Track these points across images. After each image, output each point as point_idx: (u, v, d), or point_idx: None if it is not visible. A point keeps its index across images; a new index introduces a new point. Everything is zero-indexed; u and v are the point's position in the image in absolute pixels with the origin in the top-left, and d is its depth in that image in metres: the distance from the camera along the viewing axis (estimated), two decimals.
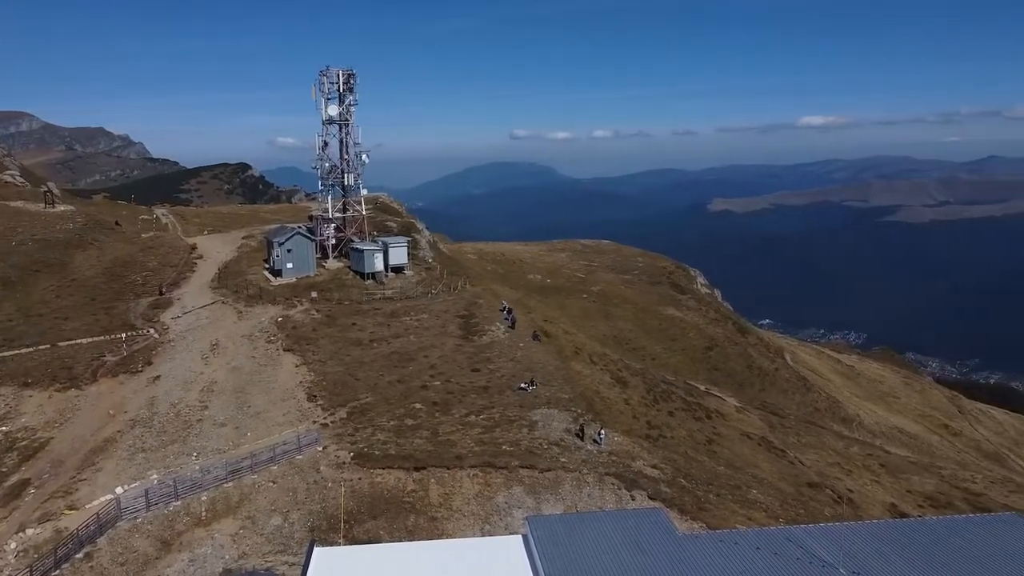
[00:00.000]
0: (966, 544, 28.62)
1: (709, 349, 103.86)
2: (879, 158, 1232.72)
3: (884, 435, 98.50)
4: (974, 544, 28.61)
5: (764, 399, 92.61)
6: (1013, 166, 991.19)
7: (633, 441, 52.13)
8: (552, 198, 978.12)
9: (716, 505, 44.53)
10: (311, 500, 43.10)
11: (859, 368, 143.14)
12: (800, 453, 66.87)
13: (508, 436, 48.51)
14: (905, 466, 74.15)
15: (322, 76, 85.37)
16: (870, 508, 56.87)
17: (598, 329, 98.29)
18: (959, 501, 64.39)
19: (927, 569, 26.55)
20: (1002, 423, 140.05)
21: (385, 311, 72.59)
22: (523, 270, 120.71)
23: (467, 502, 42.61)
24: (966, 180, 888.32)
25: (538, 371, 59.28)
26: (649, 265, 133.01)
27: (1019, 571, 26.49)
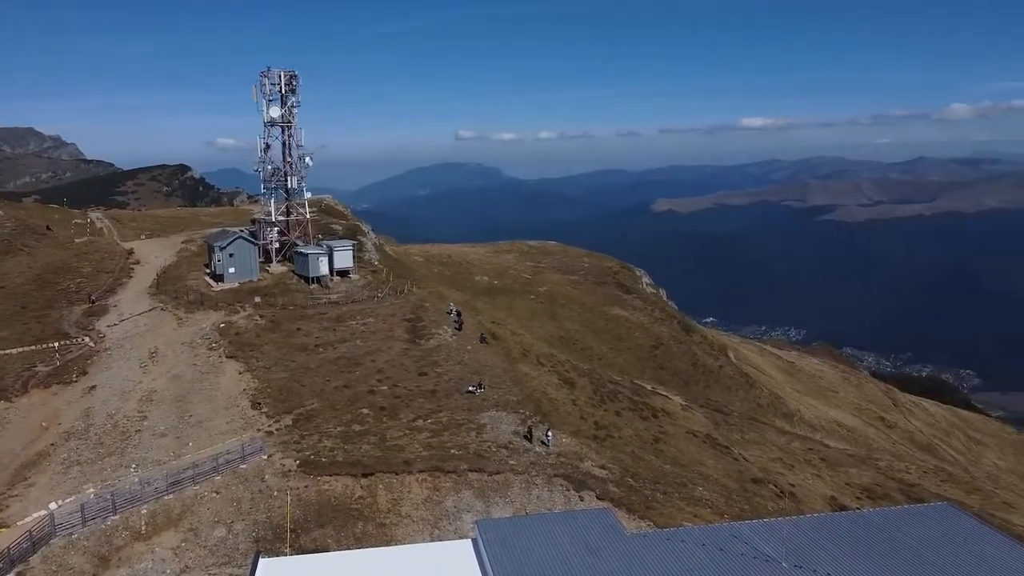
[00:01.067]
0: (901, 534, 29.57)
1: (655, 348, 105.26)
2: (816, 159, 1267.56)
3: (824, 429, 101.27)
4: (908, 534, 29.57)
5: (709, 397, 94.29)
6: (941, 166, 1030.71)
7: (581, 442, 52.50)
8: (498, 199, 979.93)
9: (663, 503, 45.14)
10: (256, 510, 42.28)
11: (799, 364, 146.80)
12: (744, 449, 68.27)
13: (456, 440, 48.36)
14: (844, 459, 76.33)
15: (263, 77, 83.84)
16: (811, 501, 58.38)
17: (545, 330, 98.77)
18: (895, 492, 66.59)
19: (864, 560, 27.35)
20: (934, 414, 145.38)
21: (331, 315, 71.68)
22: (470, 272, 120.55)
23: (416, 507, 42.34)
24: (897, 180, 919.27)
25: (486, 374, 59.27)
26: (595, 265, 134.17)
27: (950, 559, 27.47)
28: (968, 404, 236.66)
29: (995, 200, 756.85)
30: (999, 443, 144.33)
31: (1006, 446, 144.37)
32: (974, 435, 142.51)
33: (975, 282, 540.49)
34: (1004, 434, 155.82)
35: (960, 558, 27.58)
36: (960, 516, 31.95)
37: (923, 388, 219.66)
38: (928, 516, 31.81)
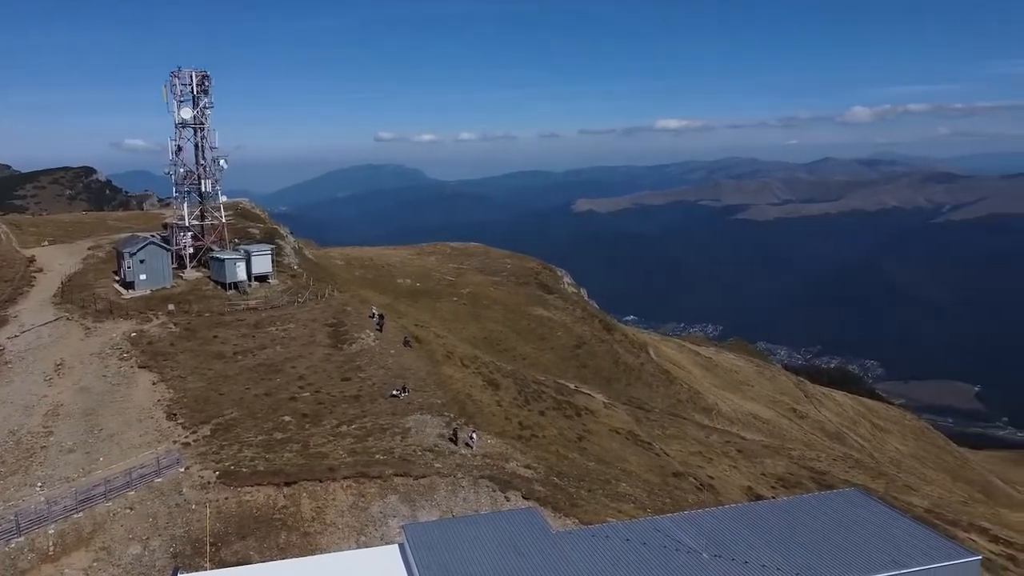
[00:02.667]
0: (812, 520, 30.99)
1: (577, 347, 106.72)
2: (730, 159, 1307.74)
3: (740, 422, 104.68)
4: (819, 519, 31.02)
5: (631, 394, 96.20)
6: (845, 167, 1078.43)
7: (506, 442, 52.85)
8: (420, 201, 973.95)
9: (588, 500, 45.89)
10: (173, 525, 40.95)
11: (716, 359, 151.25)
12: (665, 445, 69.98)
13: (381, 444, 47.98)
14: (759, 450, 79.12)
15: (173, 77, 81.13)
16: (729, 493, 60.32)
17: (469, 331, 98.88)
18: (807, 480, 69.48)
19: (779, 545, 28.55)
20: (842, 404, 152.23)
21: (249, 322, 69.97)
22: (392, 274, 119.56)
23: (341, 514, 41.82)
24: (805, 180, 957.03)
25: (410, 377, 58.99)
26: (517, 266, 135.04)
27: (858, 540, 28.96)
28: (873, 393, 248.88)
29: (894, 199, 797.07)
30: (901, 429, 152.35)
31: (907, 432, 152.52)
32: (878, 423, 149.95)
33: (877, 277, 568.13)
34: (905, 421, 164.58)
35: (867, 539, 29.10)
36: (867, 500, 33.69)
37: (832, 379, 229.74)
38: (837, 501, 33.43)
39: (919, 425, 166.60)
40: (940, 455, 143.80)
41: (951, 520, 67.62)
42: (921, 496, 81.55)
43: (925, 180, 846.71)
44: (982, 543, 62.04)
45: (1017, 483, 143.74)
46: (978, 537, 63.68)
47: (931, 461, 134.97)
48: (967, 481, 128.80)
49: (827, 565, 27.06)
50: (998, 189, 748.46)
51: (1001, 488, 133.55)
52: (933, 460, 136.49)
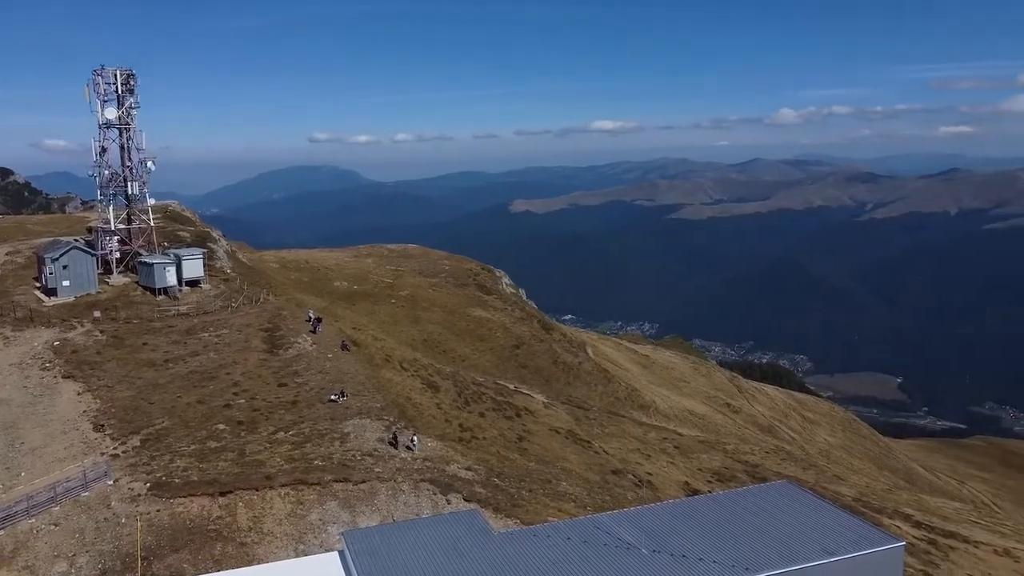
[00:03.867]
0: (747, 512, 31.87)
1: (516, 348, 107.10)
2: (663, 160, 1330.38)
3: (677, 418, 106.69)
4: (753, 512, 31.91)
5: (570, 393, 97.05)
6: (773, 167, 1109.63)
7: (446, 445, 52.73)
8: (356, 202, 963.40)
9: (529, 500, 46.15)
10: (102, 540, 39.56)
11: (653, 357, 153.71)
12: (604, 443, 70.83)
13: (320, 450, 47.30)
14: (695, 446, 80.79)
15: (96, 76, 78.28)
16: (667, 488, 61.44)
17: (408, 334, 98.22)
18: (741, 473, 71.25)
19: (715, 538, 29.27)
20: (773, 398, 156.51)
21: (181, 328, 68.10)
22: (329, 277, 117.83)
23: (279, 523, 41.08)
24: (736, 180, 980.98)
25: (348, 381, 58.31)
26: (455, 267, 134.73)
27: (790, 531, 29.91)
28: (802, 387, 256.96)
29: (820, 199, 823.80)
30: (829, 421, 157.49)
31: (835, 424, 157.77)
32: (808, 415, 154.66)
33: (805, 274, 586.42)
34: (833, 413, 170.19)
35: (799, 530, 30.07)
36: (798, 491, 34.81)
37: (764, 374, 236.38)
38: (770, 493, 34.46)
39: (846, 416, 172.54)
40: (866, 445, 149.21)
41: (877, 508, 70.28)
42: (849, 485, 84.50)
43: (849, 180, 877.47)
44: (906, 529, 64.67)
45: (937, 470, 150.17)
46: (902, 523, 66.35)
47: (857, 451, 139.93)
48: (891, 469, 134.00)
49: (762, 556, 27.85)
50: (915, 189, 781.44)
51: (922, 475, 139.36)
52: (859, 450, 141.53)
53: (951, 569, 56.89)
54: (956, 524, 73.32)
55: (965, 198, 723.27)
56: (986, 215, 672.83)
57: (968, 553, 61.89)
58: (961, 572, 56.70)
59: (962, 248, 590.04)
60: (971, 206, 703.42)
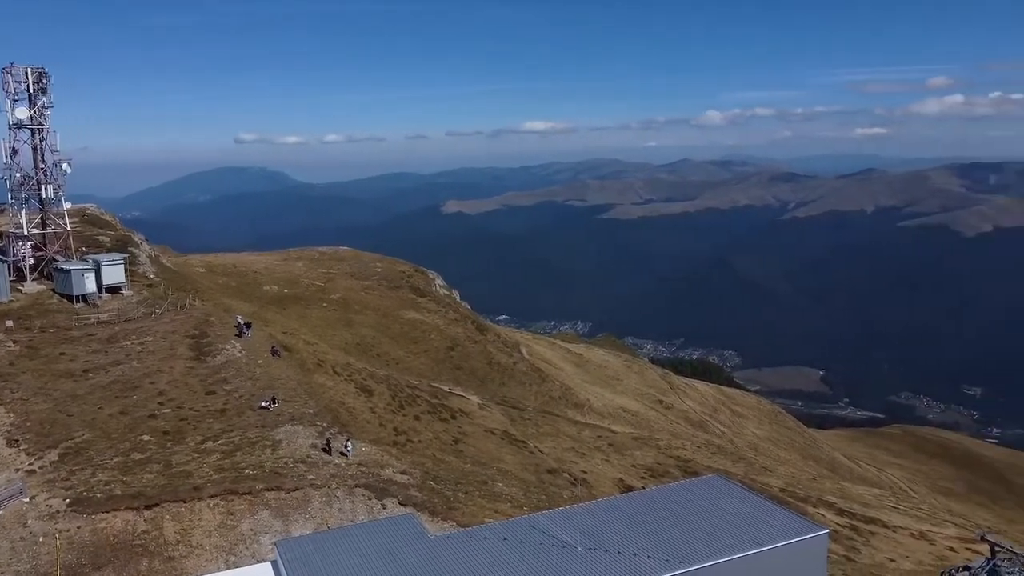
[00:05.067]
0: (679, 507, 32.58)
1: (451, 349, 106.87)
2: (594, 160, 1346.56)
3: (611, 416, 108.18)
4: (685, 506, 32.64)
5: (505, 393, 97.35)
6: (700, 168, 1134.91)
7: (381, 449, 52.23)
8: (286, 204, 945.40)
9: (465, 503, 46.09)
10: (18, 561, 37.77)
11: (587, 355, 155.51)
12: (539, 442, 71.30)
13: (250, 459, 46.22)
14: (629, 443, 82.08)
15: (6, 74, 74.71)
16: (602, 486, 62.24)
17: (341, 337, 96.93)
18: (673, 468, 72.72)
19: (650, 534, 29.81)
20: (704, 393, 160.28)
21: (101, 337, 65.60)
22: (258, 281, 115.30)
23: (208, 535, 39.97)
24: (665, 180, 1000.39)
25: (280, 387, 57.16)
26: (388, 269, 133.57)
27: (721, 524, 30.69)
28: (731, 382, 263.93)
29: (745, 198, 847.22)
30: (757, 415, 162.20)
31: (763, 417, 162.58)
32: (737, 409, 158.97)
33: (732, 272, 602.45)
34: (760, 406, 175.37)
35: (730, 522, 30.89)
36: (728, 484, 35.76)
37: (694, 370, 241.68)
38: (702, 487, 35.29)
39: (772, 409, 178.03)
40: (791, 436, 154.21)
41: (802, 497, 72.71)
42: (776, 476, 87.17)
43: (772, 180, 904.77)
44: (829, 516, 67.10)
45: (857, 458, 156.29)
46: (826, 511, 68.81)
47: (784, 442, 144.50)
48: (815, 459, 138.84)
49: (694, 549, 28.50)
50: (834, 188, 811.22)
51: (844, 464, 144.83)
52: (786, 441, 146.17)
53: (872, 553, 59.27)
54: (876, 510, 76.39)
55: (880, 197, 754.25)
56: (899, 213, 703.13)
57: (887, 537, 64.60)
58: (881, 556, 59.12)
59: (878, 245, 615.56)
60: (886, 205, 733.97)
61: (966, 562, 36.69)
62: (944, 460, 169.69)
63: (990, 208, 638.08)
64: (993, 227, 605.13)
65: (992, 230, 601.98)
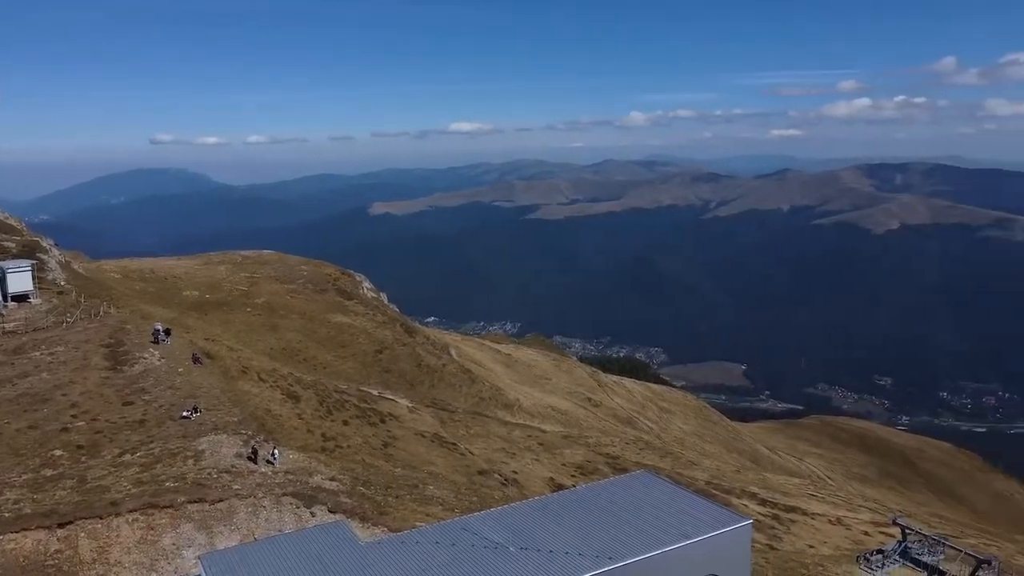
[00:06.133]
0: (608, 503, 33.11)
1: (379, 352, 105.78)
2: (520, 161, 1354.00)
3: (541, 415, 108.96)
4: (615, 502, 33.19)
5: (435, 396, 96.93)
6: (624, 168, 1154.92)
7: (309, 456, 51.28)
8: (206, 207, 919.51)
9: (396, 507, 45.68)
10: None
11: (516, 355, 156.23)
12: (470, 444, 71.27)
13: (171, 471, 44.68)
14: (559, 442, 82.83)
15: None
16: (533, 485, 62.63)
17: (266, 343, 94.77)
18: (603, 465, 73.76)
19: (580, 531, 30.19)
20: (631, 390, 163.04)
21: (7, 347, 62.38)
22: (178, 287, 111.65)
23: (127, 552, 38.46)
24: (590, 180, 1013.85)
25: (202, 396, 55.44)
26: (314, 273, 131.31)
27: (649, 518, 31.33)
28: (658, 378, 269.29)
29: (669, 198, 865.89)
30: (683, 410, 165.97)
31: (688, 412, 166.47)
32: (663, 405, 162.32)
33: (657, 270, 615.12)
34: (686, 402, 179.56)
35: (658, 516, 31.57)
36: (655, 480, 36.52)
37: (622, 368, 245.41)
38: (630, 484, 35.95)
39: (698, 404, 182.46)
40: (716, 430, 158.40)
41: (727, 489, 74.79)
42: (702, 469, 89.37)
43: (694, 180, 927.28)
44: (752, 507, 69.22)
45: (778, 449, 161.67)
46: (749, 502, 70.97)
47: (709, 436, 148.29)
48: (739, 451, 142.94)
49: (624, 544, 28.99)
50: (753, 188, 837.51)
51: (766, 455, 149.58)
52: (710, 435, 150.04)
53: (792, 541, 61.44)
54: (796, 499, 79.21)
55: (796, 196, 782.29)
56: (814, 212, 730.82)
57: (807, 524, 67.08)
58: (801, 543, 61.33)
59: (794, 243, 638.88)
60: (801, 203, 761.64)
61: (880, 545, 38.50)
62: (858, 448, 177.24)
63: (897, 206, 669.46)
64: (900, 224, 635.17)
65: (899, 227, 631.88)
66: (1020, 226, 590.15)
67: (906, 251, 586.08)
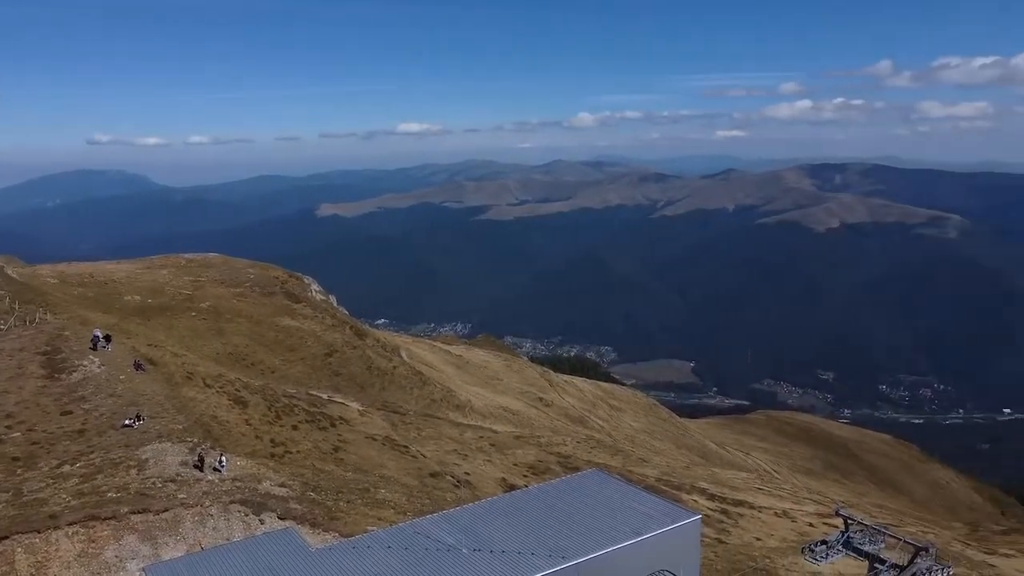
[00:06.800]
0: (560, 503, 33.31)
1: (329, 356, 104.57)
2: (469, 162, 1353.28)
3: (492, 416, 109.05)
4: (567, 501, 33.42)
5: (385, 398, 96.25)
6: (573, 168, 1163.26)
7: (258, 462, 50.44)
8: (147, 209, 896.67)
9: (347, 512, 45.22)
10: None
11: (467, 357, 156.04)
12: (422, 446, 70.96)
13: (114, 481, 43.48)
14: (511, 442, 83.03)
15: None
16: (485, 486, 62.64)
17: (212, 348, 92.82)
18: (555, 465, 74.17)
19: (533, 531, 30.32)
20: (582, 389, 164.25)
21: None
22: (119, 291, 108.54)
23: (67, 566, 37.31)
24: (540, 181, 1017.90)
25: (145, 403, 54.07)
26: (261, 276, 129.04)
27: (601, 516, 31.64)
28: (608, 377, 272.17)
29: (617, 197, 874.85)
30: (633, 408, 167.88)
31: (638, 409, 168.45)
32: (614, 403, 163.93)
33: (607, 270, 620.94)
34: (636, 399, 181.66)
35: (609, 514, 31.89)
36: (606, 478, 36.90)
37: (572, 367, 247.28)
38: (582, 482, 36.24)
39: (648, 402, 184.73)
40: (665, 427, 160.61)
41: (677, 485, 75.92)
42: (652, 466, 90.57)
43: (642, 180, 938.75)
44: (702, 502, 70.42)
45: (726, 444, 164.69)
46: (698, 497, 72.18)
47: (659, 433, 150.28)
48: (688, 448, 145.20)
49: (577, 543, 29.21)
50: (698, 188, 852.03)
51: (714, 450, 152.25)
52: (660, 432, 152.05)
53: (740, 534, 62.69)
54: (744, 493, 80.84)
55: (740, 196, 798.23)
56: (758, 211, 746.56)
57: (754, 518, 68.52)
58: (749, 536, 62.63)
59: (739, 242, 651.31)
60: (745, 203, 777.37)
61: (824, 536, 39.51)
62: (803, 442, 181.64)
63: (837, 205, 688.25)
64: (840, 223, 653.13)
65: (839, 226, 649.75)
66: (952, 224, 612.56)
67: (847, 249, 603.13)
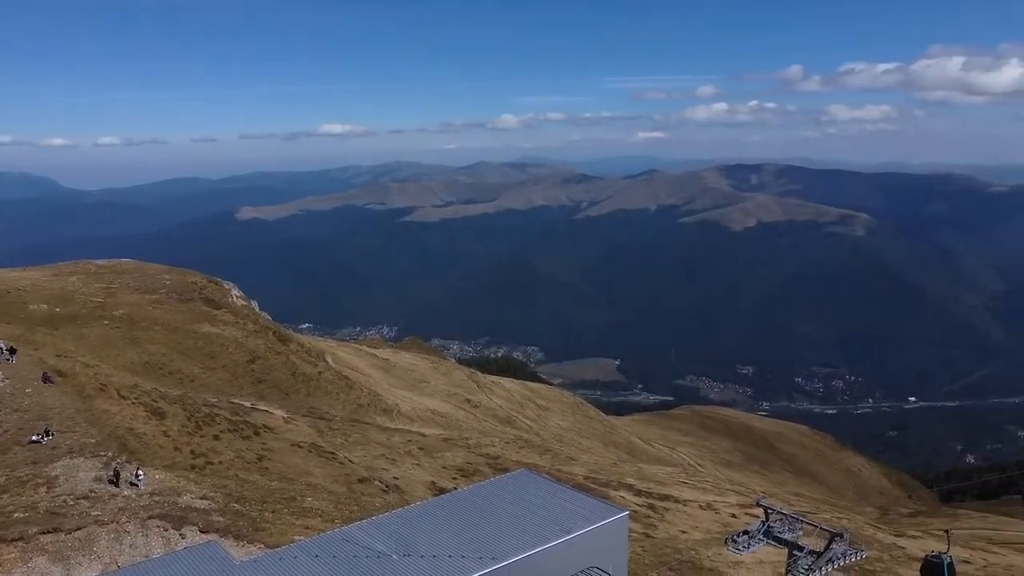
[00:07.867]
0: (490, 504, 33.39)
1: (251, 362, 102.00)
2: (393, 164, 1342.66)
3: (420, 419, 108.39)
4: (496, 503, 33.52)
5: (311, 404, 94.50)
6: (497, 170, 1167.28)
7: (177, 475, 48.84)
8: (54, 213, 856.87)
9: (272, 522, 44.24)
10: None
11: (394, 360, 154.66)
12: (349, 452, 69.97)
13: (20, 501, 41.39)
14: (439, 445, 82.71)
15: None
16: (414, 491, 62.22)
17: (126, 357, 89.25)
18: (483, 466, 74.24)
19: (462, 534, 30.28)
20: (510, 390, 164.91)
21: None
22: (23, 300, 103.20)
23: None
24: (464, 182, 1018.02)
25: (54, 417, 51.65)
26: (178, 281, 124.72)
27: (530, 516, 31.86)
28: (535, 376, 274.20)
29: (542, 198, 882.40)
30: (560, 407, 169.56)
31: (566, 408, 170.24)
32: (541, 403, 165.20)
33: (532, 270, 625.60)
34: (563, 398, 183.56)
35: (538, 513, 32.14)
36: (535, 477, 37.19)
37: (500, 368, 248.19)
38: (510, 483, 36.42)
39: (575, 401, 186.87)
40: (592, 425, 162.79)
41: (604, 482, 77.05)
42: (580, 465, 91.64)
43: (566, 181, 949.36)
44: (629, 497, 71.66)
45: (652, 440, 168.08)
46: (626, 493, 73.41)
47: (586, 431, 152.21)
48: (615, 444, 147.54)
49: (507, 544, 29.32)
50: (621, 188, 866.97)
51: (640, 446, 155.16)
52: (587, 430, 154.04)
53: (667, 528, 64.08)
54: (669, 487, 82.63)
55: (662, 196, 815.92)
56: (679, 210, 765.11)
57: (680, 511, 70.13)
58: (675, 529, 64.07)
59: (661, 241, 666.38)
60: (667, 203, 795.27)
61: (746, 526, 40.72)
62: (725, 435, 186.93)
63: (753, 205, 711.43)
64: (756, 222, 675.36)
65: (755, 224, 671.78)
66: (860, 222, 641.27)
67: (763, 247, 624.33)
